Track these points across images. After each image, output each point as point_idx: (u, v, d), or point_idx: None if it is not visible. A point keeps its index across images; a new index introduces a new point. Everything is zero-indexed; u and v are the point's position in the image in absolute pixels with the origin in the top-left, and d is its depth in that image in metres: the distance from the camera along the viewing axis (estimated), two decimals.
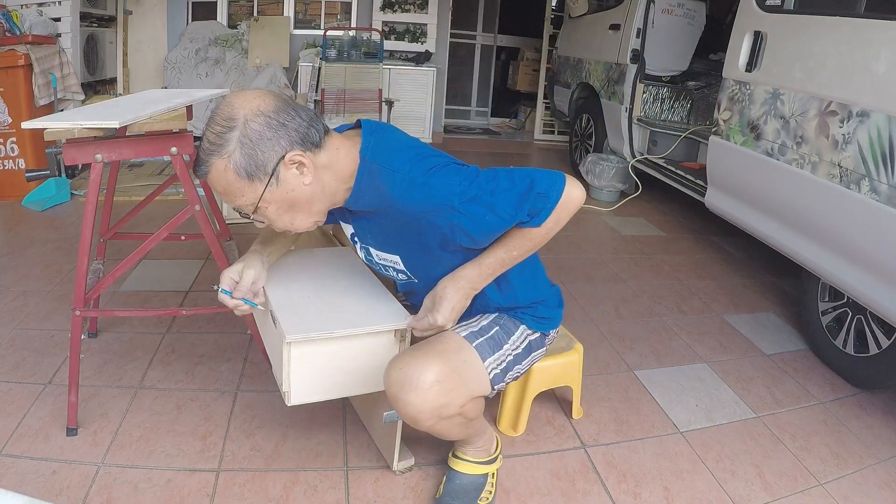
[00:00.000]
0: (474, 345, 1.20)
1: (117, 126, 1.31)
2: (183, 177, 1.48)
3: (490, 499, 1.38)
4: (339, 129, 1.21)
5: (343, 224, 1.30)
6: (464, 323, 1.26)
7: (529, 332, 1.30)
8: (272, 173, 1.03)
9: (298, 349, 1.18)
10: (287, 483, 1.40)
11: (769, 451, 1.66)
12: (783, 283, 2.82)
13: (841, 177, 1.92)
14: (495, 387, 1.24)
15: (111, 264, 1.71)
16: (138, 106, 1.51)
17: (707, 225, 3.54)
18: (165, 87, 4.81)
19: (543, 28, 5.71)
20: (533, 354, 1.33)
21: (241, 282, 1.23)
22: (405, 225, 1.14)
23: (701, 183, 2.96)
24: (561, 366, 1.63)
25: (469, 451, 1.38)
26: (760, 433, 1.73)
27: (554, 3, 5.70)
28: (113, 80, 4.63)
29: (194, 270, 2.47)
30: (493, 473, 1.41)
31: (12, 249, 2.59)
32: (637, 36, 3.71)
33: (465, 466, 1.37)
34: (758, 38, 2.42)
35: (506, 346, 1.25)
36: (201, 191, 1.72)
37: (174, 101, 1.58)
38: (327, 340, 1.19)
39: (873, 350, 1.95)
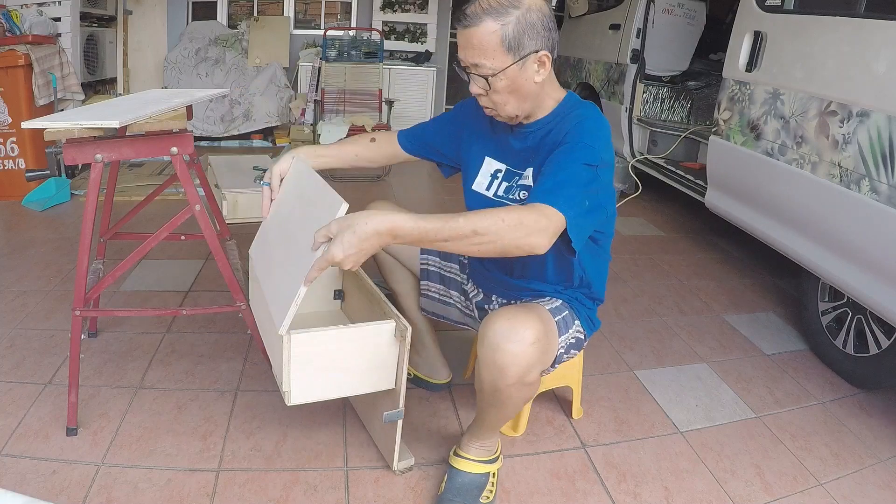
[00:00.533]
0: (556, 320, 1.28)
1: (117, 126, 1.31)
2: (183, 176, 1.48)
3: (491, 498, 1.38)
4: None
5: (487, 160, 1.40)
6: (541, 300, 1.32)
7: (580, 329, 1.37)
8: (524, 57, 1.19)
9: (298, 346, 1.18)
10: (287, 483, 1.40)
11: (769, 451, 1.66)
12: (783, 283, 2.82)
13: (841, 177, 1.92)
14: (554, 365, 1.30)
15: (111, 264, 1.71)
16: (138, 106, 1.51)
17: (707, 225, 3.54)
18: (165, 87, 4.81)
19: None
20: (572, 351, 1.37)
21: (272, 175, 1.40)
22: (556, 139, 1.24)
23: (701, 183, 2.96)
24: (561, 365, 1.62)
25: (472, 450, 1.39)
26: (760, 433, 1.73)
27: (554, 3, 5.70)
28: (113, 80, 4.63)
29: (194, 270, 2.47)
30: (494, 473, 1.41)
31: (12, 249, 2.59)
32: (637, 36, 3.70)
33: (467, 465, 1.38)
34: (758, 38, 2.42)
35: (570, 331, 1.33)
36: (201, 191, 1.72)
37: (174, 101, 1.58)
38: (327, 335, 1.20)
39: (873, 350, 1.95)
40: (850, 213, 1.87)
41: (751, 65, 2.45)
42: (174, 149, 1.45)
